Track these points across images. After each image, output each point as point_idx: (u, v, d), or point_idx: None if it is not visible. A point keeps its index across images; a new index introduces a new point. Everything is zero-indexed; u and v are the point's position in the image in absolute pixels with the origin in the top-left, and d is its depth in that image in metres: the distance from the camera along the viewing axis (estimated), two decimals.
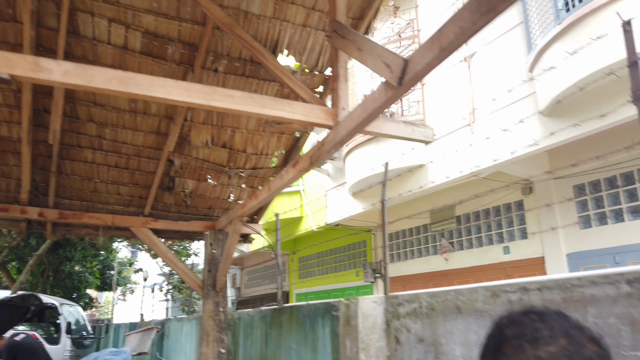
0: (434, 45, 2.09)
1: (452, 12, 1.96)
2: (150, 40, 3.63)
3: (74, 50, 3.58)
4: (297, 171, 3.43)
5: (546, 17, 6.48)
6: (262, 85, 4.12)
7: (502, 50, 7.37)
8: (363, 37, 2.69)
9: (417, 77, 2.26)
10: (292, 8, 3.67)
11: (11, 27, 3.39)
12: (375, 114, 2.59)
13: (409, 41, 9.23)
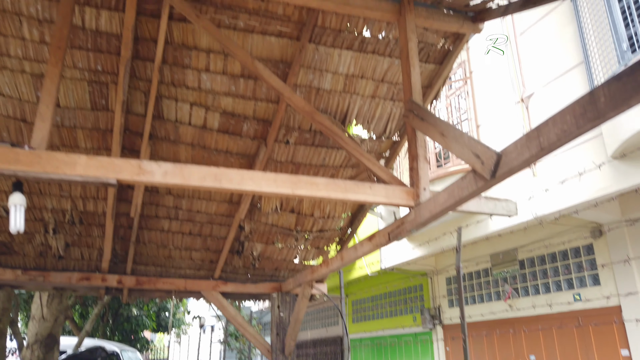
0: (533, 144, 2.07)
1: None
2: (228, 119, 3.78)
3: (158, 132, 3.78)
4: (373, 245, 3.43)
5: (609, 57, 6.31)
6: (331, 153, 4.19)
7: (561, 91, 7.21)
8: (446, 123, 2.70)
9: (511, 172, 2.24)
10: (361, 82, 3.75)
11: (103, 115, 3.63)
12: (461, 201, 2.58)
13: (461, 83, 9.19)
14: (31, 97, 3.50)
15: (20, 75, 3.38)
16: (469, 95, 8.90)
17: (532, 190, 7.39)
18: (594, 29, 6.56)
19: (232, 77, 3.59)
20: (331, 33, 3.42)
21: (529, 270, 8.69)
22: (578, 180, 6.59)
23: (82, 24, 3.18)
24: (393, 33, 3.45)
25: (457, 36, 3.48)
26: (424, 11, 3.15)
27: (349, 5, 3.04)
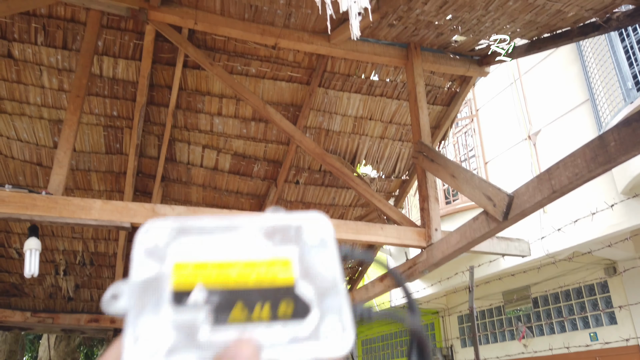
0: (545, 187, 2.08)
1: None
2: (239, 160, 3.84)
3: (170, 173, 3.84)
4: (385, 286, 3.41)
5: (615, 96, 6.37)
6: (341, 193, 4.22)
7: (568, 128, 7.25)
8: (457, 164, 2.73)
9: (524, 214, 2.25)
10: (370, 123, 3.81)
11: (117, 159, 3.70)
12: (474, 243, 2.57)
13: (467, 120, 9.28)
14: (48, 142, 3.59)
15: (38, 121, 3.48)
16: (475, 132, 8.97)
17: (544, 228, 7.33)
18: (598, 68, 6.66)
19: (243, 120, 3.67)
20: (340, 77, 3.51)
21: (542, 308, 8.51)
22: (590, 218, 6.53)
23: (99, 72, 3.29)
24: (400, 76, 3.54)
25: (463, 79, 3.56)
26: (431, 56, 3.23)
27: (358, 52, 3.13)
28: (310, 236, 0.35)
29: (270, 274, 0.33)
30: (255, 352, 0.29)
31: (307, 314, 0.32)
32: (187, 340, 0.30)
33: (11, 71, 3.22)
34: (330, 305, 0.32)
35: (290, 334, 0.31)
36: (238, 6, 2.90)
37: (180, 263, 0.33)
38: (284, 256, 0.34)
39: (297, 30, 3.05)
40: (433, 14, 2.88)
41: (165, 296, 0.31)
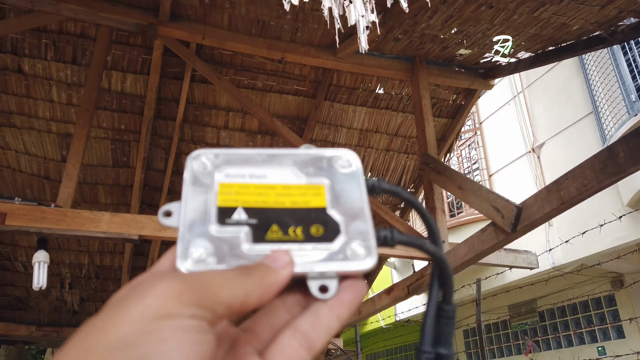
0: (553, 198, 2.09)
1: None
2: None
3: (177, 187, 3.85)
4: (392, 299, 3.39)
5: (618, 108, 6.39)
6: None
7: (572, 141, 7.26)
8: (464, 176, 2.74)
9: (533, 225, 2.25)
10: (375, 136, 3.83)
11: (124, 172, 3.73)
12: (482, 255, 2.57)
13: (470, 134, 9.30)
14: (55, 155, 3.62)
15: (46, 135, 3.51)
16: (479, 145, 8.99)
17: (550, 241, 7.30)
18: (601, 81, 6.68)
19: (250, 133, 3.70)
20: (346, 91, 3.53)
21: (549, 322, 8.43)
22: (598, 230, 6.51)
23: (108, 86, 3.33)
24: (406, 89, 3.56)
25: (468, 91, 3.58)
26: (436, 69, 3.26)
27: (363, 65, 3.16)
28: (340, 167, 0.38)
29: (304, 197, 0.36)
30: (291, 261, 0.32)
31: (336, 235, 0.35)
32: (230, 251, 0.33)
33: (21, 86, 3.26)
34: (357, 229, 0.35)
35: (320, 251, 0.34)
36: (245, 21, 2.94)
37: (225, 183, 0.36)
38: (318, 183, 0.37)
39: (303, 45, 3.08)
40: (438, 28, 2.91)
41: (212, 212, 0.35)
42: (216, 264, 0.33)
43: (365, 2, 2.24)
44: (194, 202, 0.35)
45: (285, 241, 0.34)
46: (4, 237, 3.92)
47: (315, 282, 0.33)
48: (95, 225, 2.42)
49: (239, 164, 0.37)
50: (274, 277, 0.31)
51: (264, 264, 0.32)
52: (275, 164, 0.38)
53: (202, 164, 0.37)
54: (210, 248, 0.33)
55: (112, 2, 2.80)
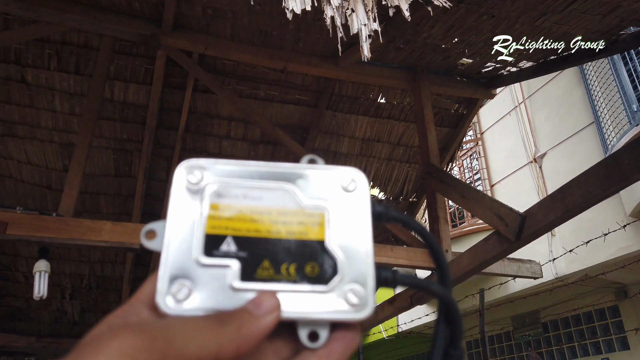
0: (558, 206, 2.07)
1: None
2: None
3: None
4: (395, 309, 3.37)
5: (620, 118, 6.39)
6: None
7: (574, 151, 7.25)
8: (467, 184, 2.73)
9: (537, 234, 2.23)
10: (377, 145, 3.83)
11: (125, 181, 3.72)
12: (486, 264, 2.55)
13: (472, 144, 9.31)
14: (57, 165, 3.62)
15: (48, 144, 3.51)
16: (481, 155, 8.99)
17: (552, 251, 7.26)
18: (602, 91, 6.69)
19: (252, 142, 3.70)
20: (348, 100, 3.54)
21: (552, 333, 8.35)
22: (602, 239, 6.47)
23: (111, 96, 3.34)
24: (407, 99, 3.57)
25: (470, 101, 3.58)
26: (438, 78, 3.26)
27: (365, 75, 3.17)
28: (345, 189, 0.35)
29: (302, 227, 0.33)
30: (277, 306, 0.30)
31: (332, 275, 0.32)
32: (215, 289, 0.30)
33: (24, 96, 3.27)
34: (356, 270, 0.32)
35: (313, 293, 0.31)
36: (248, 31, 2.95)
37: (216, 205, 0.33)
38: (318, 209, 0.34)
39: (305, 55, 3.09)
40: (440, 38, 2.92)
41: (199, 239, 0.32)
42: (198, 305, 0.30)
43: (368, 11, 2.25)
44: (180, 224, 0.32)
45: (276, 280, 0.31)
46: (5, 247, 3.90)
47: (305, 328, 0.31)
48: (97, 235, 2.41)
49: (233, 180, 0.34)
50: (254, 325, 0.28)
51: (245, 309, 0.29)
52: (273, 181, 0.34)
53: (193, 176, 0.34)
54: (194, 285, 0.30)
55: (115, 12, 2.81)
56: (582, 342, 7.82)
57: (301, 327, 0.31)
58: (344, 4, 2.26)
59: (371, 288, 0.32)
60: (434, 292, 0.34)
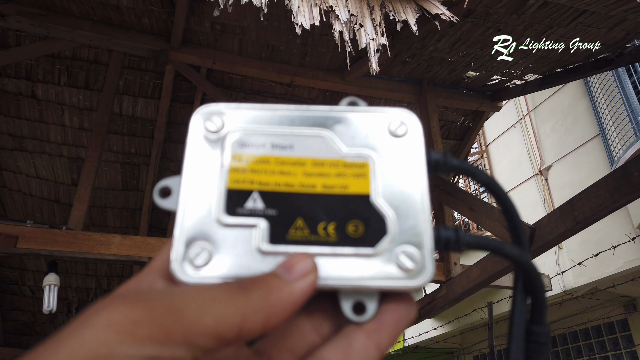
0: (567, 218, 2.07)
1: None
2: None
3: None
4: None
5: (625, 130, 6.38)
6: None
7: (579, 163, 7.24)
8: (475, 197, 2.73)
9: (546, 246, 2.22)
10: None
11: (133, 195, 3.74)
12: (495, 277, 2.53)
13: (477, 156, 9.30)
14: (66, 179, 3.64)
15: (57, 159, 3.54)
16: (486, 168, 8.98)
17: (560, 264, 7.21)
18: (607, 103, 6.70)
19: None
20: None
21: (561, 347, 8.25)
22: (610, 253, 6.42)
23: (119, 110, 3.37)
24: (414, 112, 3.58)
25: (476, 113, 3.60)
26: (444, 91, 3.28)
27: (371, 88, 3.19)
28: (393, 134, 0.30)
29: (342, 179, 0.28)
30: (312, 269, 0.25)
31: (381, 235, 0.27)
32: (239, 253, 0.26)
33: (34, 111, 3.31)
34: (410, 228, 0.27)
35: (358, 257, 0.26)
36: (255, 46, 2.98)
37: (239, 154, 0.28)
38: (361, 158, 0.29)
39: (312, 69, 3.12)
40: (446, 51, 2.95)
41: (220, 195, 0.27)
42: (220, 272, 0.25)
43: (376, 25, 2.28)
44: (197, 179, 0.28)
45: (312, 242, 0.26)
46: (13, 261, 3.91)
47: (349, 299, 0.26)
48: (106, 248, 2.42)
49: (259, 127, 0.29)
50: (285, 293, 0.23)
51: (274, 274, 0.24)
52: (306, 127, 0.29)
53: (212, 123, 0.29)
54: (216, 248, 0.26)
55: (125, 28, 2.85)
56: (592, 356, 7.72)
57: (344, 297, 0.26)
58: (352, 19, 2.28)
59: (429, 250, 0.27)
60: (508, 254, 0.29)
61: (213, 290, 0.23)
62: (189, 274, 0.25)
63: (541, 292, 0.30)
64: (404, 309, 0.26)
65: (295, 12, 2.20)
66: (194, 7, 2.70)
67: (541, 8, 2.56)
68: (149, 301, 0.21)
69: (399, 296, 0.27)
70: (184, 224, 0.26)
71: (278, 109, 0.30)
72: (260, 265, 0.26)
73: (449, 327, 8.97)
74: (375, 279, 0.26)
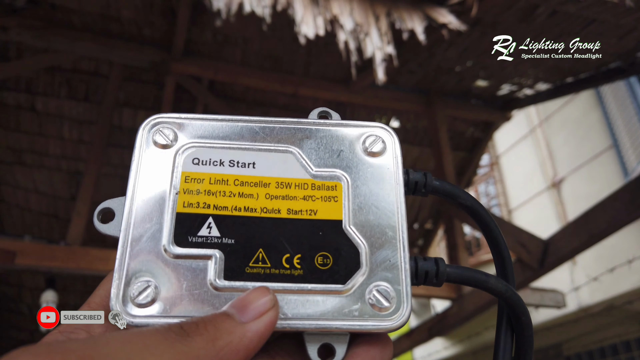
0: (582, 232, 1.96)
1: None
2: None
3: None
4: (412, 342, 3.22)
5: (639, 141, 6.26)
6: None
7: (593, 175, 7.09)
8: None
9: (560, 260, 2.12)
10: None
11: None
12: None
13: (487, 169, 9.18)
14: (64, 193, 3.58)
15: (56, 173, 3.48)
16: (497, 180, 8.85)
17: (575, 280, 7.03)
18: (620, 114, 6.59)
19: None
20: None
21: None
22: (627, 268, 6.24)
23: (119, 123, 3.32)
24: (422, 122, 3.50)
25: (486, 124, 3.50)
26: (453, 101, 3.20)
27: (377, 98, 3.11)
28: (368, 153, 0.27)
29: (311, 203, 0.25)
30: (271, 307, 0.21)
31: (353, 269, 0.24)
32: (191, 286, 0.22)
33: (33, 124, 3.27)
34: (384, 261, 0.24)
35: (326, 294, 0.23)
36: (258, 57, 2.93)
37: (192, 173, 0.25)
38: (332, 179, 0.26)
39: (316, 79, 3.05)
40: (454, 61, 2.87)
41: (168, 220, 0.24)
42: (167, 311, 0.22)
43: (382, 35, 2.21)
44: (143, 200, 0.24)
45: (274, 277, 0.23)
46: (11, 278, 3.84)
47: (315, 341, 0.23)
48: (104, 264, 2.35)
49: (215, 142, 0.25)
50: (236, 336, 0.20)
51: (224, 314, 0.21)
52: (270, 143, 0.26)
53: (162, 136, 0.25)
54: (162, 284, 0.23)
55: (126, 40, 2.82)
56: None
57: (310, 339, 0.23)
58: (357, 28, 2.22)
59: (405, 286, 0.24)
60: (492, 288, 0.26)
61: (148, 337, 0.19)
62: (130, 314, 0.22)
63: (527, 330, 0.28)
64: (378, 351, 0.23)
65: (299, 21, 2.15)
66: (195, 18, 2.66)
67: (550, 17, 2.48)
68: (63, 352, 0.18)
69: (372, 338, 0.24)
70: (126, 255, 0.24)
71: (238, 120, 0.26)
72: (216, 304, 0.23)
73: (460, 346, 8.76)
74: (344, 319, 0.23)
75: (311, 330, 0.23)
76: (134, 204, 0.24)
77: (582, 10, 2.38)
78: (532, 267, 2.19)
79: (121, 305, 0.23)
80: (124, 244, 0.24)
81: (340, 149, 0.27)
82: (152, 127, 0.26)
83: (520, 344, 0.28)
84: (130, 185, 0.25)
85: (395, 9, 2.36)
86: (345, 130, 0.27)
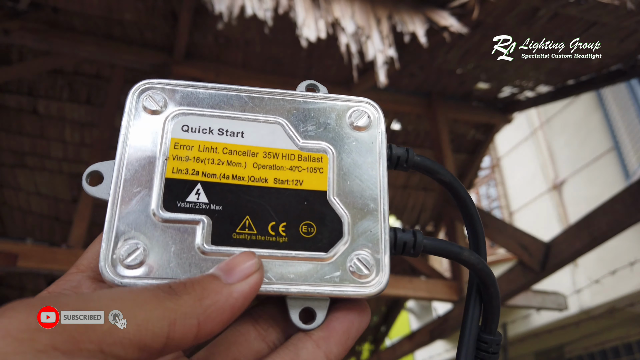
0: (584, 234, 1.96)
1: None
2: None
3: None
4: (414, 345, 3.21)
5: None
6: None
7: (594, 177, 7.09)
8: (488, 213, 2.63)
9: (562, 263, 2.12)
10: (392, 172, 3.74)
11: None
12: (509, 295, 2.42)
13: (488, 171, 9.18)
14: (66, 196, 3.59)
15: (58, 175, 3.49)
16: (498, 182, 8.85)
17: (577, 282, 7.02)
18: (621, 116, 6.60)
19: None
20: None
21: None
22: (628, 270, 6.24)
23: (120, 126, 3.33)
24: (423, 125, 3.50)
25: (487, 126, 3.51)
26: (454, 104, 3.20)
27: (379, 100, 3.01)
28: (354, 126, 0.28)
29: (297, 173, 0.26)
30: (256, 270, 0.22)
31: (335, 238, 0.25)
32: (179, 250, 0.23)
33: (35, 127, 3.28)
34: (366, 230, 0.25)
35: (309, 262, 0.24)
36: (260, 59, 2.94)
37: (181, 140, 0.25)
38: (318, 151, 0.26)
39: (318, 81, 3.05)
40: (455, 63, 2.87)
41: (157, 185, 0.24)
42: (154, 273, 0.23)
43: (384, 37, 2.22)
44: (132, 165, 0.25)
45: (260, 243, 0.24)
46: (13, 280, 3.85)
47: (297, 305, 0.24)
48: None
49: (205, 110, 0.26)
50: (222, 296, 0.21)
51: (211, 275, 0.22)
52: (259, 113, 0.26)
53: (152, 102, 0.26)
54: (151, 246, 0.23)
55: (128, 43, 2.83)
56: None
57: (292, 303, 0.24)
58: (358, 31, 2.23)
59: (385, 255, 0.25)
60: (466, 260, 0.28)
61: (138, 294, 0.20)
62: (119, 275, 0.23)
63: (495, 300, 0.29)
64: (356, 316, 0.25)
65: (301, 24, 2.16)
66: (197, 21, 2.67)
67: (551, 19, 2.49)
68: (57, 306, 0.18)
69: (351, 302, 0.25)
70: (115, 217, 0.24)
71: (228, 89, 0.27)
72: (202, 267, 0.23)
73: None
74: (326, 285, 0.24)
75: (294, 294, 0.24)
76: (122, 168, 0.25)
77: (583, 13, 2.38)
78: (534, 269, 2.19)
79: (110, 266, 0.23)
80: (112, 206, 0.24)
81: (327, 122, 0.27)
82: (142, 93, 0.26)
83: (487, 314, 0.29)
84: (120, 149, 0.25)
85: (396, 12, 2.37)
86: (332, 103, 0.28)
